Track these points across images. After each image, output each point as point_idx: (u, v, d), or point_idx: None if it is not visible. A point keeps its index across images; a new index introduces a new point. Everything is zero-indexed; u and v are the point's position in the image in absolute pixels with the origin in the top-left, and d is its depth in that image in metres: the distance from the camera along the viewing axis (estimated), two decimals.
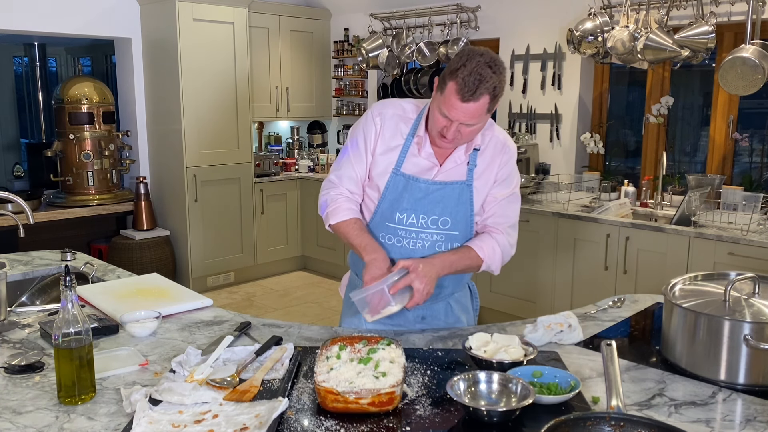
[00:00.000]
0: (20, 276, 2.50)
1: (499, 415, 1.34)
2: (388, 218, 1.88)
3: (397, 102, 1.92)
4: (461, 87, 1.63)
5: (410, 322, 1.98)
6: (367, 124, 1.89)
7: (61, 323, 1.42)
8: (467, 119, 1.68)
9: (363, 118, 1.92)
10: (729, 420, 1.38)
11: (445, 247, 1.88)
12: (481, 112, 1.67)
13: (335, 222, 1.88)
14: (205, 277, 5.37)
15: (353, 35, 6.02)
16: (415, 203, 1.85)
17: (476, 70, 1.62)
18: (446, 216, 1.86)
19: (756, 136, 4.10)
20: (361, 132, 1.90)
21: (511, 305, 4.32)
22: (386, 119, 1.87)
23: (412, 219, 1.86)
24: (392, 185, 1.85)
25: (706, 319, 1.56)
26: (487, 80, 1.63)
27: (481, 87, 1.62)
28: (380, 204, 1.87)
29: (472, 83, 1.62)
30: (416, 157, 1.85)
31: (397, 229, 1.87)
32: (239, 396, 1.43)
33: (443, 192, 1.85)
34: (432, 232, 1.86)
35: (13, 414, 1.39)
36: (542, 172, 4.70)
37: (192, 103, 5.07)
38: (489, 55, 1.66)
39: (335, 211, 1.88)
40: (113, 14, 5.14)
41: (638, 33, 3.93)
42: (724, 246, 3.34)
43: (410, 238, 1.87)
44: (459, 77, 1.63)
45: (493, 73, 1.63)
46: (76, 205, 4.97)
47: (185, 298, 2.12)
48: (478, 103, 1.65)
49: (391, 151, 1.86)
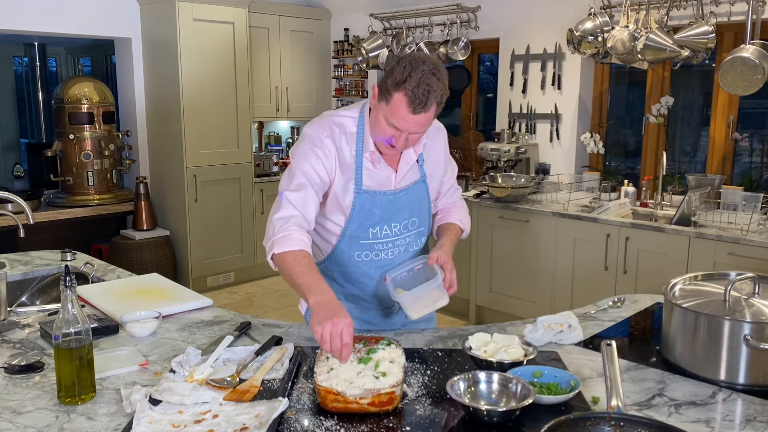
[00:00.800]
0: (20, 276, 2.50)
1: (499, 415, 1.34)
2: (361, 236, 1.85)
3: (332, 118, 1.81)
4: (411, 100, 1.61)
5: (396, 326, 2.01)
6: (319, 146, 1.76)
7: (61, 323, 1.42)
8: (418, 129, 1.68)
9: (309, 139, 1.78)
10: (729, 420, 1.38)
11: (416, 244, 1.95)
12: (430, 120, 1.68)
13: (280, 251, 1.65)
14: (205, 277, 5.37)
15: (353, 35, 6.02)
16: (385, 215, 1.85)
17: (424, 81, 1.60)
18: (414, 217, 1.91)
19: (756, 136, 4.10)
20: (312, 154, 1.76)
21: (511, 305, 4.32)
22: (336, 138, 1.77)
23: (386, 230, 1.87)
24: (359, 204, 1.80)
25: (706, 319, 1.56)
26: (435, 90, 1.62)
27: (431, 98, 1.62)
28: (348, 224, 1.83)
29: (421, 95, 1.60)
30: (371, 171, 1.80)
31: (373, 244, 1.87)
32: (239, 396, 1.43)
33: (407, 197, 1.87)
34: (404, 236, 1.90)
35: (13, 414, 1.39)
36: (542, 172, 4.70)
37: (192, 103, 5.07)
38: (431, 62, 1.64)
39: (281, 240, 1.66)
40: (113, 14, 5.14)
41: (638, 33, 3.93)
42: (724, 246, 3.34)
43: (387, 249, 1.89)
44: (407, 89, 1.60)
45: (438, 81, 1.62)
46: (76, 205, 4.97)
47: (185, 298, 2.12)
48: (429, 113, 1.65)
49: (348, 171, 1.79)
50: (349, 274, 1.91)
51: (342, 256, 1.88)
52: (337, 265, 1.91)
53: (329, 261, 1.92)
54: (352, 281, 1.92)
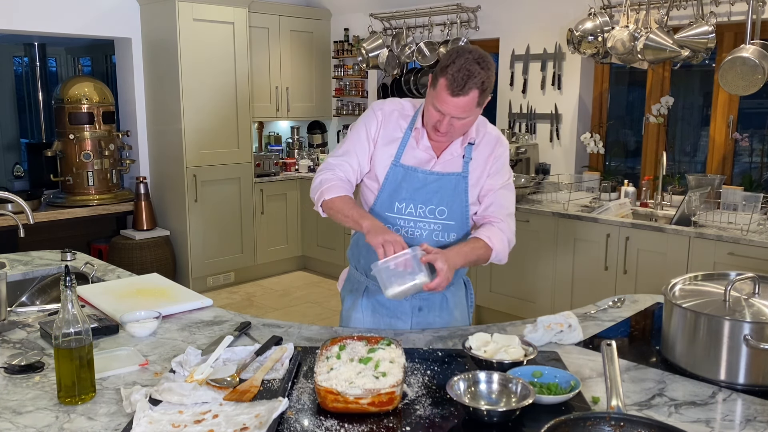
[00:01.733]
0: (20, 276, 2.50)
1: (499, 415, 1.34)
2: (387, 208, 1.93)
3: (396, 100, 2.00)
4: (451, 83, 1.72)
5: (407, 313, 2.01)
6: (369, 117, 1.96)
7: (61, 323, 1.42)
8: (458, 113, 1.76)
9: (365, 113, 2.00)
10: (729, 420, 1.38)
11: (442, 236, 1.94)
12: (471, 105, 1.76)
13: (330, 197, 1.87)
14: (205, 277, 5.37)
15: (353, 35, 6.02)
16: (413, 193, 1.91)
17: (465, 66, 1.71)
18: (443, 206, 1.92)
19: (756, 136, 4.10)
20: (362, 124, 1.97)
21: (511, 305, 4.32)
22: (387, 114, 1.95)
23: (411, 208, 1.92)
24: (392, 176, 1.92)
25: (706, 319, 1.56)
26: (475, 75, 1.71)
27: (470, 82, 1.71)
28: (380, 194, 1.93)
29: (461, 79, 1.71)
30: (414, 150, 1.93)
31: (396, 218, 1.93)
32: (239, 396, 1.43)
33: (440, 183, 1.92)
34: (429, 221, 1.93)
35: (13, 414, 1.39)
36: (542, 172, 4.70)
37: (192, 103, 5.07)
38: (477, 52, 1.74)
39: (330, 189, 1.89)
40: (113, 14, 5.14)
41: (638, 33, 3.93)
42: (724, 246, 3.34)
43: (409, 227, 1.93)
44: (449, 73, 1.72)
45: (481, 69, 1.72)
46: (76, 205, 4.97)
47: (185, 298, 2.12)
48: (468, 97, 1.73)
49: (391, 144, 1.93)
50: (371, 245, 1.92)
51: None
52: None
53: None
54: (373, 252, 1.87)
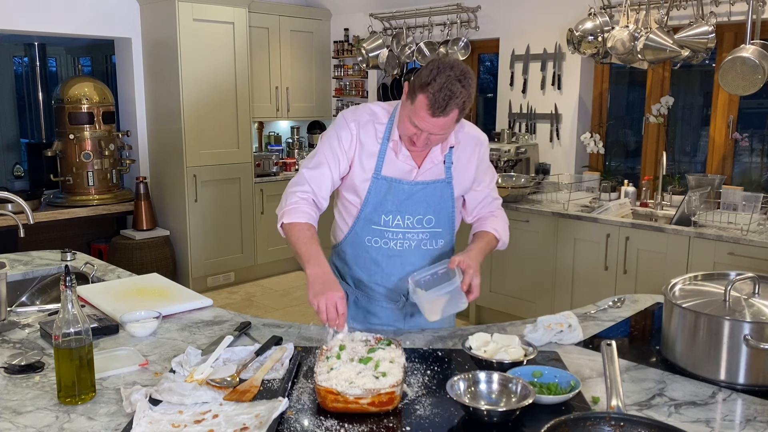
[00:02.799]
0: (20, 276, 2.50)
1: (499, 415, 1.34)
2: (374, 221, 1.90)
3: (367, 107, 1.92)
4: (432, 102, 1.65)
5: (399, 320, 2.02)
6: (342, 129, 1.87)
7: (61, 323, 1.42)
8: (438, 131, 1.73)
9: (337, 123, 1.90)
10: (729, 420, 1.39)
11: (430, 244, 1.94)
12: (450, 124, 1.72)
13: (288, 221, 1.82)
14: (205, 277, 5.37)
15: (353, 35, 6.02)
16: (399, 205, 1.88)
17: (446, 86, 1.64)
18: (430, 215, 1.91)
19: (756, 136, 4.10)
20: (335, 134, 1.88)
21: (511, 305, 4.32)
22: (362, 125, 1.87)
23: (398, 220, 1.90)
24: (374, 189, 1.87)
25: (706, 319, 1.56)
26: (457, 96, 1.65)
27: (451, 103, 1.66)
28: (363, 208, 1.90)
29: (442, 99, 1.64)
30: (394, 161, 1.87)
31: (384, 231, 1.91)
32: (239, 396, 1.43)
33: (425, 192, 1.89)
34: (418, 231, 1.91)
35: (13, 414, 1.39)
36: (542, 172, 4.69)
37: (192, 103, 5.07)
38: (459, 68, 1.67)
39: (291, 211, 1.83)
40: (113, 14, 5.14)
41: (638, 33, 3.93)
42: (724, 246, 3.34)
43: (397, 239, 1.91)
44: (430, 92, 1.65)
45: (462, 88, 1.65)
46: (76, 205, 4.97)
47: (185, 298, 2.12)
48: (448, 118, 1.69)
49: (369, 157, 1.87)
50: (359, 257, 1.96)
51: (355, 238, 1.94)
52: (351, 247, 1.97)
53: (345, 242, 1.97)
54: (361, 266, 1.96)
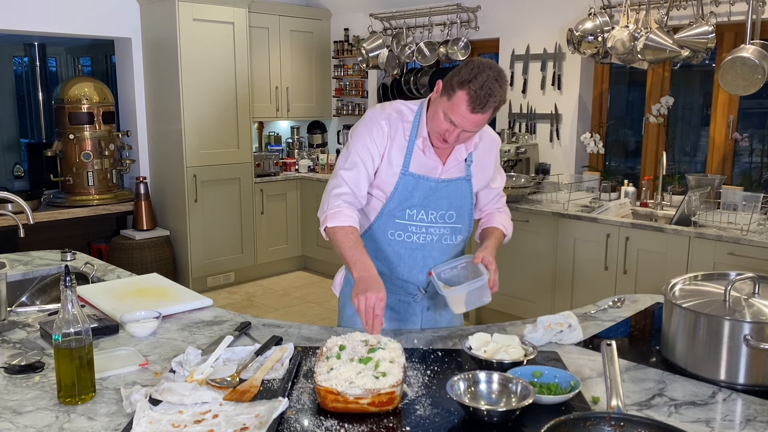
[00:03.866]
0: (20, 276, 2.50)
1: (499, 415, 1.34)
2: (397, 215, 1.94)
3: (394, 104, 1.96)
4: (472, 99, 1.71)
5: (417, 314, 2.06)
6: (374, 126, 1.91)
7: (61, 323, 1.42)
8: (472, 128, 1.79)
9: (367, 120, 1.93)
10: (729, 420, 1.38)
11: (451, 239, 1.99)
12: (484, 121, 1.79)
13: (332, 225, 1.85)
14: (205, 277, 5.37)
15: (353, 35, 6.02)
16: (424, 200, 1.93)
17: (487, 84, 1.71)
18: (452, 210, 1.96)
19: (756, 136, 4.10)
20: (367, 133, 1.91)
21: (511, 305, 4.32)
22: (392, 122, 1.92)
23: (422, 215, 1.94)
24: (402, 185, 1.91)
25: (706, 319, 1.56)
26: (496, 95, 1.72)
27: (490, 101, 1.72)
28: (388, 203, 1.93)
29: (483, 97, 1.71)
30: (421, 158, 1.92)
31: (407, 225, 1.94)
32: (239, 396, 1.43)
33: (449, 189, 1.94)
34: (440, 226, 1.96)
35: (13, 414, 1.39)
36: (542, 172, 4.69)
37: (192, 103, 5.07)
38: (497, 69, 1.75)
39: (335, 215, 1.85)
40: (113, 14, 5.14)
41: (638, 33, 3.93)
42: (724, 246, 3.34)
43: (420, 233, 1.95)
44: (471, 89, 1.71)
45: (499, 87, 1.73)
46: (76, 205, 4.97)
47: (185, 298, 2.12)
48: (485, 115, 1.76)
49: (398, 153, 1.92)
50: (380, 251, 1.98)
51: (377, 232, 1.97)
52: (372, 241, 1.98)
53: (365, 236, 1.99)
54: (382, 259, 1.98)
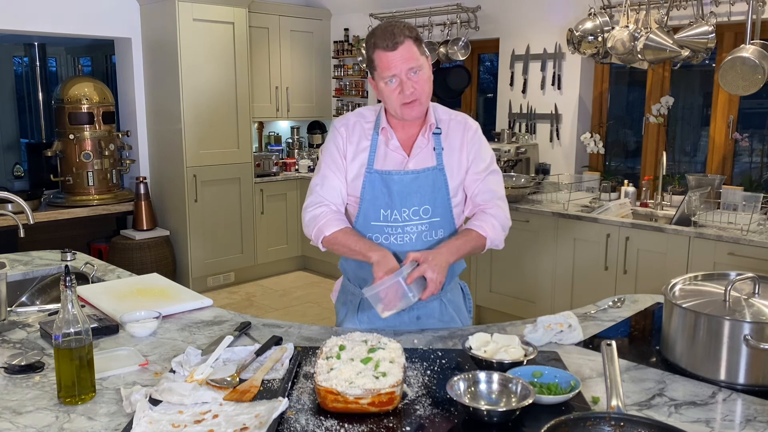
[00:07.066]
0: (20, 276, 2.50)
1: (499, 415, 1.34)
2: (372, 217, 1.91)
3: (355, 111, 2.01)
4: (382, 42, 1.77)
5: (405, 323, 1.97)
6: (335, 136, 1.96)
7: (61, 323, 1.42)
8: (406, 64, 1.78)
9: (329, 134, 2.00)
10: (729, 420, 1.38)
11: (430, 235, 1.92)
12: (412, 53, 1.78)
13: (330, 232, 1.88)
14: (205, 277, 5.37)
15: (353, 35, 6.03)
16: (394, 197, 1.88)
17: (385, 27, 1.79)
18: (426, 204, 1.90)
19: (756, 136, 4.10)
20: (331, 145, 1.96)
21: (511, 305, 4.32)
22: (350, 127, 1.95)
23: (396, 214, 1.89)
24: (368, 184, 1.90)
25: (706, 319, 1.56)
26: (398, 26, 1.78)
27: (398, 32, 1.77)
28: (361, 205, 1.91)
29: (389, 34, 1.77)
30: (385, 152, 1.91)
31: (383, 227, 1.91)
32: (239, 396, 1.43)
33: (418, 181, 1.89)
34: (416, 223, 1.90)
35: (13, 414, 1.39)
36: (542, 172, 4.69)
37: (192, 103, 5.07)
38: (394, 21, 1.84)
39: (327, 223, 1.89)
40: (113, 14, 5.14)
41: (638, 33, 3.93)
42: (724, 246, 3.34)
43: (397, 233, 1.90)
44: (376, 42, 1.78)
45: (398, 22, 1.81)
46: (76, 205, 4.97)
47: (185, 298, 2.12)
48: (405, 46, 1.77)
49: (361, 154, 1.92)
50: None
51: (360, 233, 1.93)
52: None
53: None
54: (365, 265, 1.92)
